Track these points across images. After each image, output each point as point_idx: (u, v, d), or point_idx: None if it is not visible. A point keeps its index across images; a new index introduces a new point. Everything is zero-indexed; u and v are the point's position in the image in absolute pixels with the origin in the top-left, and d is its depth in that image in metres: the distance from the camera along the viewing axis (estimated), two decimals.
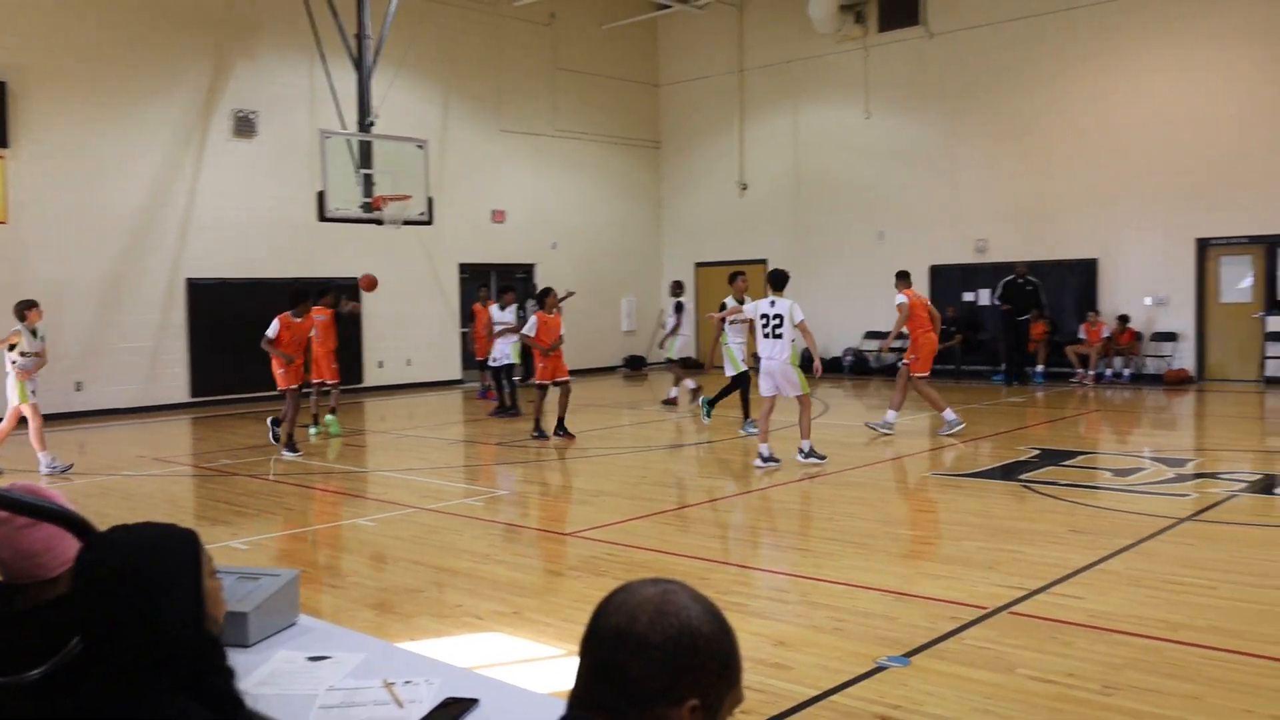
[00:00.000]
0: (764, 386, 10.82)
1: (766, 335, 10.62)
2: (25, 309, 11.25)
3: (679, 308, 16.56)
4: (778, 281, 10.94)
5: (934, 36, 20.39)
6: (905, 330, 12.95)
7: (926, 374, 12.60)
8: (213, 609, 2.07)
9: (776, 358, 10.60)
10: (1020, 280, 18.14)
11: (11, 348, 11.13)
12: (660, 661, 1.40)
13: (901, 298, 12.75)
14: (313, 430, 13.78)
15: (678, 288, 17.26)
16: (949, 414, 12.40)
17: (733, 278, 13.48)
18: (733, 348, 13.05)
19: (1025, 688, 4.48)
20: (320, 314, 13.38)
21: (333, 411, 13.90)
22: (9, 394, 11.18)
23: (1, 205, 15.50)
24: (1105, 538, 7.18)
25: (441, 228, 19.17)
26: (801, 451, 10.61)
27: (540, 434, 12.80)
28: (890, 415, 12.60)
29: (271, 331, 12.14)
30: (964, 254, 20.16)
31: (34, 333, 11.25)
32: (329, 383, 13.72)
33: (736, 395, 13.26)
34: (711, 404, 13.43)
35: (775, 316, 10.57)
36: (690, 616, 1.44)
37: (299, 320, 12.31)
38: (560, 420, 12.80)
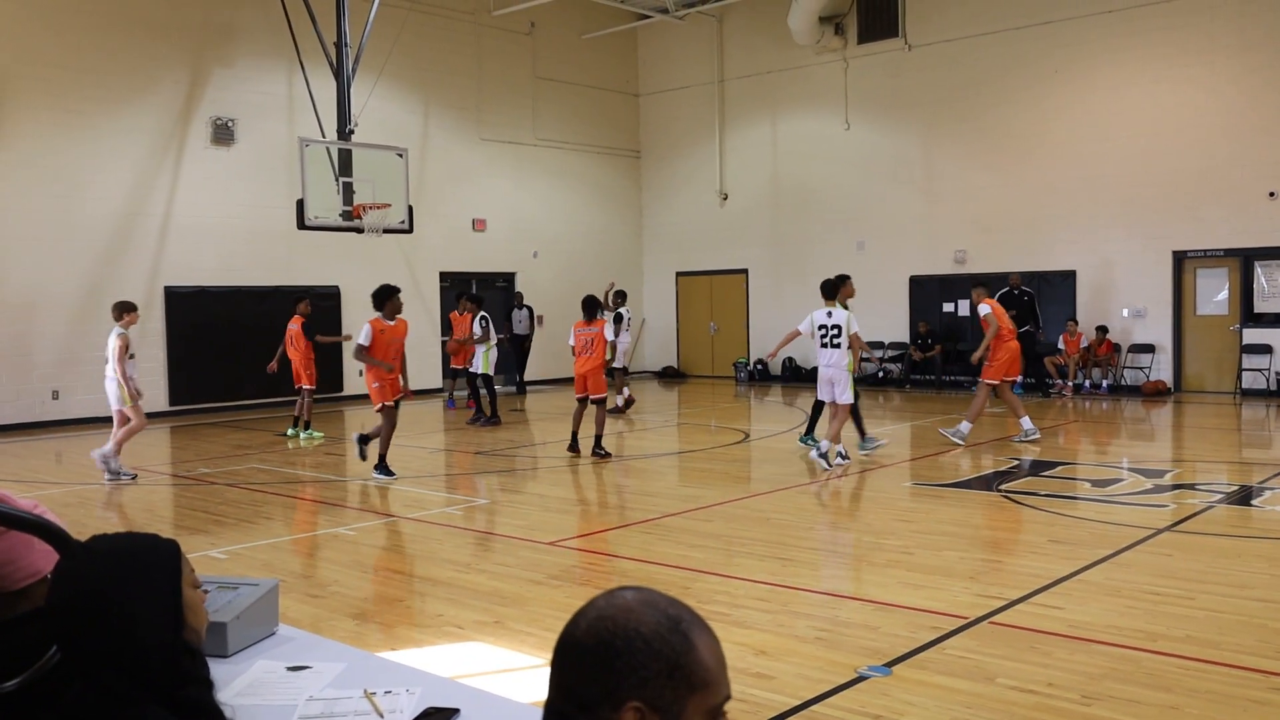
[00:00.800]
0: (822, 392, 11.26)
1: (825, 344, 11.04)
2: (125, 310, 11.31)
3: (619, 318, 16.60)
4: (830, 291, 11.25)
5: (912, 49, 20.52)
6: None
7: (997, 381, 12.38)
8: (193, 620, 2.05)
9: (835, 365, 11.00)
10: (1016, 291, 18.08)
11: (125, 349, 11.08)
12: (595, 665, 1.37)
13: (985, 308, 12.38)
14: (291, 432, 14.07)
15: (620, 298, 17.29)
16: (1026, 422, 12.37)
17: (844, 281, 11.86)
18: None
19: (1005, 697, 4.49)
20: (295, 322, 13.71)
21: (301, 422, 14.27)
22: (113, 398, 11.21)
23: None
24: (1084, 548, 7.21)
25: (422, 236, 19.11)
26: (818, 450, 10.86)
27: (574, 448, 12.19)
28: (1026, 423, 12.39)
29: (364, 338, 10.66)
30: (943, 264, 20.26)
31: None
32: (306, 387, 13.96)
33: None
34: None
35: (834, 327, 10.99)
36: (630, 619, 1.40)
37: (392, 324, 10.82)
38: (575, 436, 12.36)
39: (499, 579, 6.78)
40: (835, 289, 11.28)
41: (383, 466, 10.79)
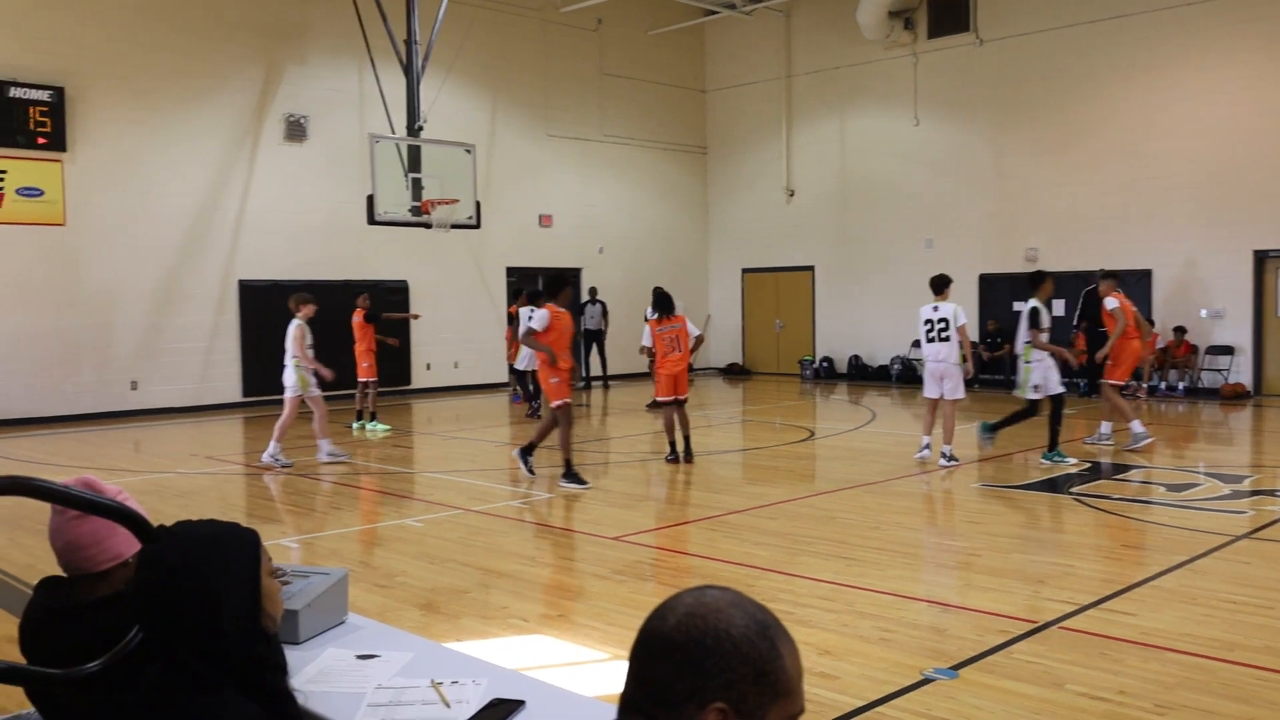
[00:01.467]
0: (930, 389, 11.09)
1: (932, 339, 10.92)
2: (302, 303, 11.96)
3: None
4: (940, 285, 11.13)
5: (984, 44, 20.20)
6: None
7: (1123, 383, 12.08)
8: (270, 607, 2.09)
9: (946, 359, 10.86)
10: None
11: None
12: (683, 663, 1.37)
13: (1113, 302, 11.80)
14: (355, 425, 14.24)
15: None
16: (1136, 426, 11.74)
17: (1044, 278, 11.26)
18: (1033, 367, 11.07)
19: (1075, 704, 4.41)
20: (356, 315, 14.11)
21: (366, 414, 14.40)
22: (292, 382, 11.82)
23: (59, 208, 15.82)
24: (1158, 554, 7.06)
25: (489, 232, 19.29)
26: (945, 455, 10.79)
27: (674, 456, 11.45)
28: (1136, 426, 11.66)
29: (539, 323, 9.93)
30: (1014, 263, 19.92)
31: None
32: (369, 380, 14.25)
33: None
34: (994, 429, 11.50)
35: (940, 320, 10.86)
36: (720, 619, 1.40)
37: (565, 312, 10.13)
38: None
39: (563, 573, 6.81)
40: (946, 284, 11.13)
41: (571, 474, 9.95)
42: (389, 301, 19.27)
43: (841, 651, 5.12)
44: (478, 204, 16.29)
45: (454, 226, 16.14)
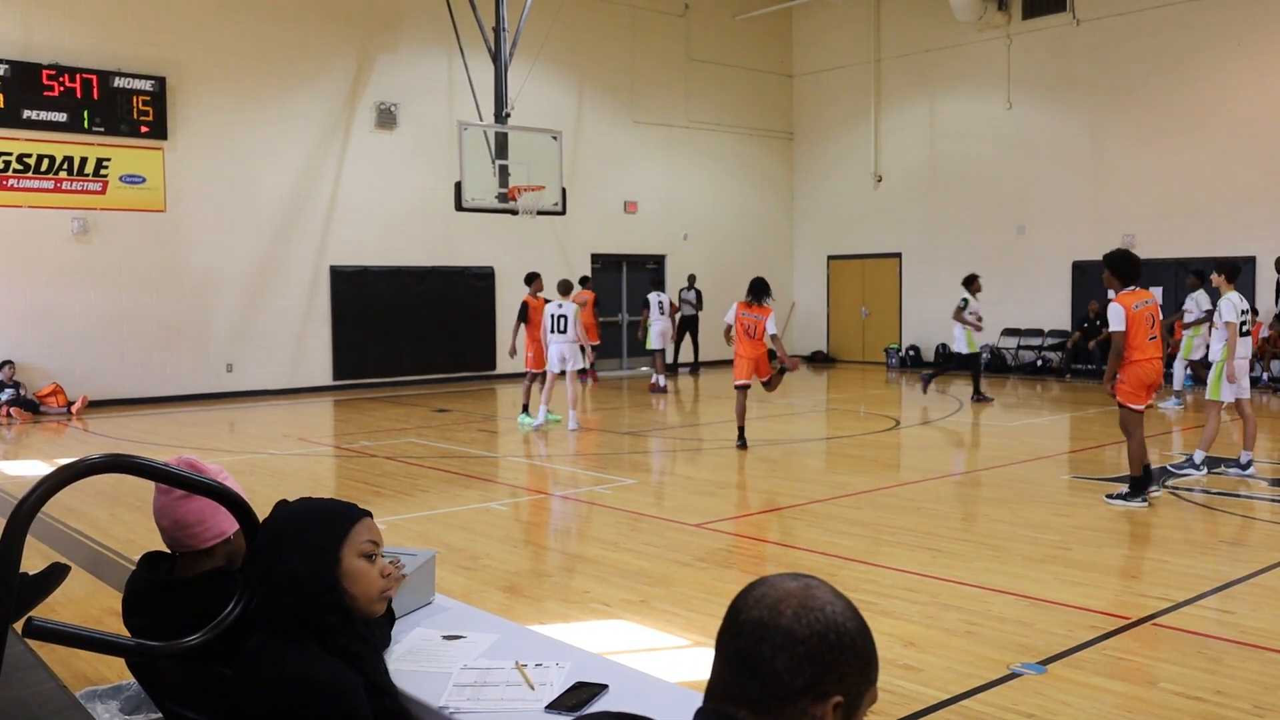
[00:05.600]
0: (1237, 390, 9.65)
1: (1245, 332, 9.61)
2: (569, 289, 13.55)
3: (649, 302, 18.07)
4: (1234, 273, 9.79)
5: (1081, 24, 19.65)
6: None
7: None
8: (352, 587, 2.15)
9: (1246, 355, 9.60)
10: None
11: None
12: (806, 656, 1.38)
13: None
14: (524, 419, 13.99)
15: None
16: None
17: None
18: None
19: (1169, 703, 4.30)
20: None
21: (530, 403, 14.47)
22: (573, 360, 13.06)
23: (160, 195, 16.32)
24: (1260, 551, 6.83)
25: (574, 218, 19.39)
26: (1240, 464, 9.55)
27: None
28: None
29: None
30: (1110, 249, 19.37)
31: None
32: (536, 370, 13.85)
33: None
34: None
35: (1246, 311, 9.68)
36: (835, 612, 1.42)
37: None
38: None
39: (646, 559, 6.84)
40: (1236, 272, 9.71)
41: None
42: (475, 289, 19.53)
43: (926, 644, 5.06)
44: (563, 190, 16.39)
45: (540, 213, 16.27)
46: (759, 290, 11.29)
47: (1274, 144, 17.40)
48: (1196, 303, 14.37)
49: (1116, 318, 8.22)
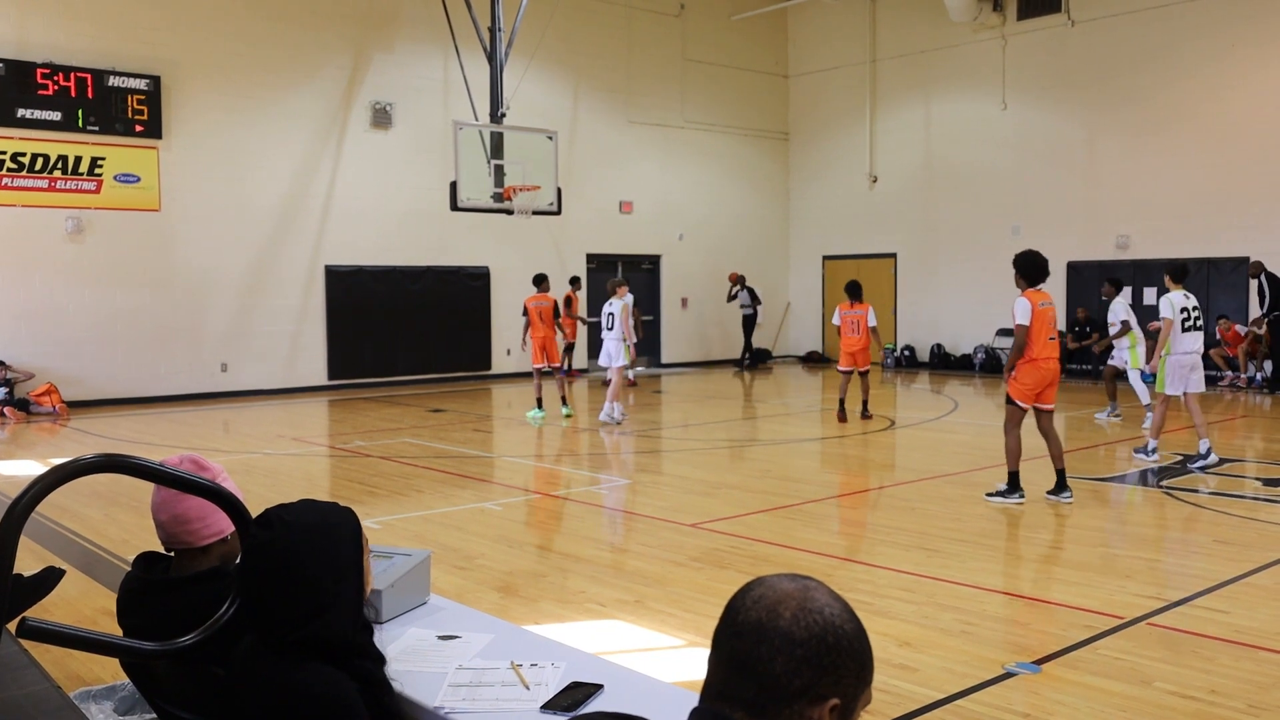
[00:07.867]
0: (1187, 383, 10.15)
1: (1188, 329, 10.12)
2: (618, 286, 14.10)
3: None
4: (1178, 274, 10.39)
5: (1075, 25, 19.68)
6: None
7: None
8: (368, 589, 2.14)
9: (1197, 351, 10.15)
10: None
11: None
12: (804, 659, 1.38)
13: None
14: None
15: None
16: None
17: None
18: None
19: (1163, 702, 4.30)
20: (543, 300, 14.41)
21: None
22: (617, 357, 13.73)
23: (155, 194, 16.29)
24: (1253, 550, 6.84)
25: (570, 218, 19.38)
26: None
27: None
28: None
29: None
30: (1104, 250, 19.44)
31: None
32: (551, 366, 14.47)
33: None
34: None
35: (1195, 309, 10.20)
36: (833, 615, 1.41)
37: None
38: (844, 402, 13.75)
39: (640, 559, 6.84)
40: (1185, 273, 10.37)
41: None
42: (470, 289, 19.53)
43: (921, 644, 5.06)
44: (559, 190, 16.38)
45: (535, 213, 16.25)
46: (855, 291, 13.73)
47: (1268, 145, 17.44)
48: (1113, 311, 13.50)
49: (1023, 312, 8.37)
